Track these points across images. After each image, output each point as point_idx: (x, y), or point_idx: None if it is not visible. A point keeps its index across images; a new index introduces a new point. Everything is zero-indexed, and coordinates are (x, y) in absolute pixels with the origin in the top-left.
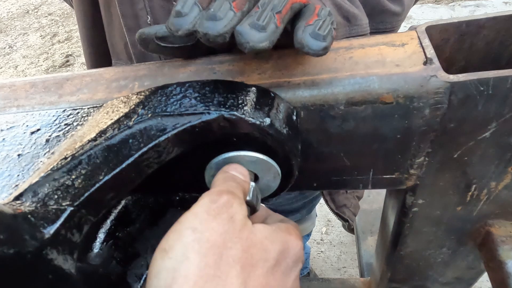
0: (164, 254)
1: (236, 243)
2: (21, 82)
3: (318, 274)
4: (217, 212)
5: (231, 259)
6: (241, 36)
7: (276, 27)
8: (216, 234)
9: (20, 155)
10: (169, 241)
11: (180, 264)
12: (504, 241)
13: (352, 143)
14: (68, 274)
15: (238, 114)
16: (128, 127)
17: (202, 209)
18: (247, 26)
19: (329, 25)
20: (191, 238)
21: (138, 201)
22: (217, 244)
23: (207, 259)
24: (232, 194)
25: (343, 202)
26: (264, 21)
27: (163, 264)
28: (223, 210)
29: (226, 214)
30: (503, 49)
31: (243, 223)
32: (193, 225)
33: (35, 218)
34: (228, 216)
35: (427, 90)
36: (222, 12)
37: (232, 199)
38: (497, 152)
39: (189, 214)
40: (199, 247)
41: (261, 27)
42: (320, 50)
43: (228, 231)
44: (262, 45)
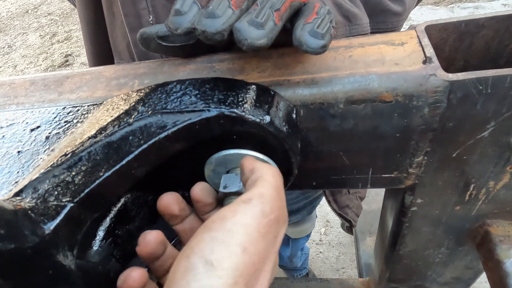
0: (210, 270)
1: (269, 264)
2: (21, 80)
3: (317, 274)
4: (266, 231)
5: (266, 277)
6: (240, 33)
7: (274, 25)
8: (261, 256)
9: (20, 152)
10: (216, 253)
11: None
12: (502, 241)
13: (351, 142)
14: (68, 270)
15: (238, 112)
16: (128, 124)
17: (254, 224)
18: (246, 23)
19: (328, 23)
20: (241, 260)
21: (138, 198)
22: (259, 267)
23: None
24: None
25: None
26: (262, 19)
27: (210, 281)
28: (272, 228)
29: (273, 234)
30: (502, 48)
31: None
32: (243, 243)
33: (35, 214)
34: (273, 236)
35: (426, 89)
36: (221, 10)
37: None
38: (495, 151)
39: (239, 226)
40: (247, 270)
41: (260, 24)
42: (319, 48)
43: (269, 253)
44: (260, 42)
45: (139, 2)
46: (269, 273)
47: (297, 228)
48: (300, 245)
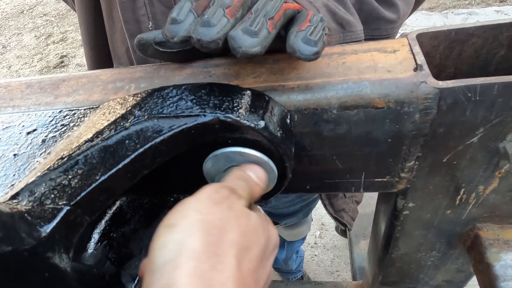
0: (169, 229)
1: (235, 228)
2: (17, 82)
3: (311, 277)
4: (218, 201)
5: (230, 241)
6: (234, 41)
7: (268, 33)
8: (217, 218)
9: (16, 155)
10: (173, 218)
11: (186, 238)
12: (492, 244)
13: (344, 147)
14: (64, 272)
15: (233, 117)
16: (125, 128)
17: (205, 196)
18: (240, 32)
19: (321, 30)
20: (196, 218)
21: (133, 202)
22: (218, 226)
23: (210, 238)
24: (233, 191)
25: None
26: (256, 27)
27: (170, 237)
28: (223, 200)
29: (226, 204)
30: (491, 56)
31: (241, 211)
32: (197, 207)
33: (31, 217)
34: (227, 205)
35: (417, 95)
36: (216, 19)
37: (231, 194)
38: (485, 156)
39: (193, 199)
40: (203, 226)
41: (254, 33)
42: (311, 55)
43: (228, 217)
44: (254, 50)
45: (139, 9)
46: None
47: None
48: (295, 248)
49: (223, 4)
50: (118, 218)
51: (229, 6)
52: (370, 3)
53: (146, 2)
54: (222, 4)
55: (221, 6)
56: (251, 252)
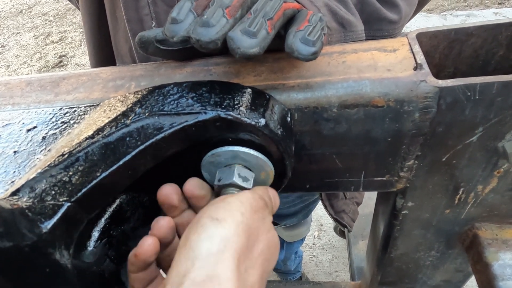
0: (217, 223)
1: (264, 240)
2: (17, 80)
3: (310, 278)
4: (256, 209)
5: (260, 250)
6: (233, 42)
7: (267, 33)
8: (255, 225)
9: (16, 152)
10: (220, 213)
11: (232, 237)
12: (490, 244)
13: (344, 145)
14: (64, 268)
15: (234, 114)
16: (126, 125)
17: (247, 201)
18: (239, 32)
19: (319, 30)
20: (241, 220)
21: (133, 199)
22: (254, 233)
23: (248, 243)
24: (266, 204)
25: (342, 208)
26: (255, 28)
27: (217, 231)
28: (260, 210)
29: (262, 214)
30: (490, 56)
31: (270, 226)
32: (241, 209)
33: (32, 213)
34: (262, 216)
35: (417, 94)
36: (215, 19)
37: (266, 207)
38: (484, 156)
39: (236, 200)
40: (245, 229)
41: (252, 33)
42: (310, 55)
43: (261, 227)
44: (253, 51)
45: (142, 8)
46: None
47: (292, 232)
48: (294, 249)
49: (222, 4)
50: (118, 216)
51: (229, 7)
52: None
53: (149, 1)
54: (221, 4)
55: (221, 6)
56: (270, 264)
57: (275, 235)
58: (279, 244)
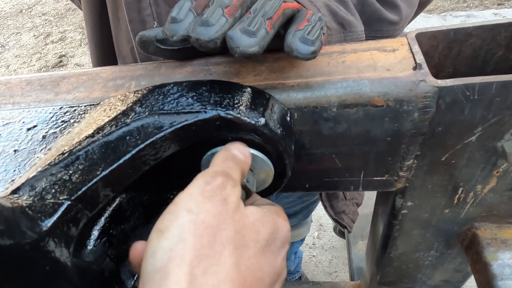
0: (160, 234)
1: (229, 225)
2: (17, 79)
3: (309, 278)
4: (211, 194)
5: (225, 239)
6: (232, 41)
7: (266, 33)
8: (210, 215)
9: (17, 151)
10: (165, 221)
11: (176, 245)
12: (489, 243)
13: (343, 145)
14: (64, 267)
15: (234, 114)
16: (126, 124)
17: (197, 190)
18: (238, 32)
19: (319, 30)
20: (187, 220)
21: (133, 199)
22: (211, 225)
23: (202, 240)
24: (227, 176)
25: (342, 209)
26: (254, 27)
27: (159, 244)
28: (217, 192)
29: (220, 196)
30: (489, 56)
31: (236, 205)
32: (188, 206)
33: (32, 211)
34: (221, 198)
35: (416, 94)
36: (215, 18)
37: (226, 181)
38: (483, 156)
39: (184, 195)
40: (194, 228)
41: (252, 33)
42: (309, 54)
43: (222, 212)
44: (252, 50)
45: (144, 9)
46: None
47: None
48: (294, 249)
49: (222, 4)
50: (118, 215)
51: (228, 6)
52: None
53: (152, 2)
54: (221, 4)
55: (220, 5)
56: (249, 249)
57: (247, 213)
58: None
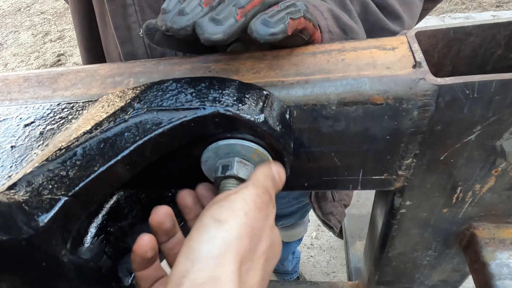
0: (219, 225)
1: (266, 239)
2: (14, 76)
3: (307, 278)
4: (260, 207)
5: (262, 250)
6: (199, 28)
7: (235, 21)
8: (259, 225)
9: (14, 147)
10: (223, 214)
11: (234, 240)
12: (487, 243)
13: (343, 143)
14: (61, 263)
15: (233, 110)
16: (124, 120)
17: (251, 199)
18: (206, 19)
19: (284, 14)
20: (243, 220)
21: (130, 196)
22: (257, 234)
23: (251, 243)
24: (271, 196)
25: (330, 210)
26: (222, 15)
27: (218, 233)
28: (264, 207)
29: (265, 211)
30: (489, 55)
31: (273, 224)
32: (244, 209)
33: (29, 207)
34: (266, 213)
35: (416, 92)
36: (190, 8)
37: (270, 201)
38: (481, 155)
39: (239, 198)
40: (248, 231)
41: (218, 21)
42: (267, 35)
43: (264, 226)
44: (216, 37)
45: (130, 16)
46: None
47: (289, 232)
48: (292, 249)
49: None
50: (116, 212)
51: None
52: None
53: (137, 9)
54: None
55: None
56: (271, 264)
57: (277, 233)
58: (281, 243)
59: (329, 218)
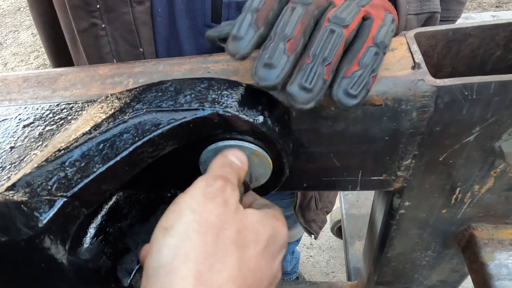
0: (165, 232)
1: (231, 225)
2: (14, 76)
3: (307, 278)
4: (212, 196)
5: (227, 239)
6: (291, 97)
7: (323, 83)
8: (213, 215)
9: (13, 148)
10: (169, 220)
11: (181, 242)
12: (486, 244)
13: (342, 144)
14: (60, 264)
15: (232, 111)
16: (123, 121)
17: (199, 192)
18: (296, 88)
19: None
20: (191, 218)
21: (130, 197)
22: (214, 224)
23: (206, 238)
24: (226, 180)
25: (312, 218)
26: (311, 82)
27: (165, 242)
28: (217, 194)
29: (221, 197)
30: (488, 56)
31: (236, 207)
32: (191, 206)
33: (28, 207)
34: (222, 199)
35: (415, 93)
36: (277, 59)
37: (226, 185)
38: (480, 156)
39: (186, 196)
40: (198, 227)
41: (309, 90)
42: (349, 107)
43: (223, 213)
44: (309, 106)
45: (102, 47)
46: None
47: None
48: (290, 249)
49: (284, 37)
50: (115, 213)
51: (290, 39)
52: None
53: (111, 40)
54: (283, 37)
55: (283, 39)
56: (249, 249)
57: (247, 214)
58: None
59: (310, 225)
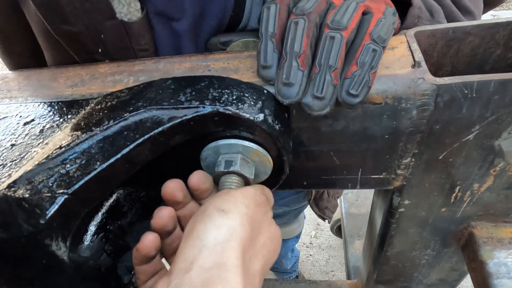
0: (223, 214)
1: (266, 232)
2: (14, 74)
3: (306, 277)
4: (259, 203)
5: (262, 242)
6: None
7: (334, 89)
8: (258, 218)
9: (14, 145)
10: (226, 205)
11: (238, 228)
12: (485, 242)
13: (342, 142)
14: (61, 261)
15: (233, 109)
16: (124, 119)
17: (250, 195)
18: (310, 98)
19: (366, 74)
20: (245, 211)
21: (130, 194)
22: (257, 226)
23: (252, 233)
24: (268, 201)
25: (325, 205)
26: (322, 88)
27: (223, 222)
28: (261, 204)
29: (264, 208)
30: (488, 55)
31: (271, 220)
32: (245, 202)
33: (29, 204)
34: (264, 210)
35: (415, 92)
36: (293, 77)
37: (267, 202)
38: (480, 154)
39: (239, 193)
40: (250, 221)
41: (321, 98)
42: (353, 105)
43: (263, 220)
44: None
45: None
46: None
47: (283, 229)
48: (290, 246)
49: (296, 54)
50: (115, 210)
51: (301, 55)
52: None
53: None
54: (295, 55)
55: (295, 57)
56: (272, 257)
57: (277, 229)
58: (280, 240)
59: (324, 212)
